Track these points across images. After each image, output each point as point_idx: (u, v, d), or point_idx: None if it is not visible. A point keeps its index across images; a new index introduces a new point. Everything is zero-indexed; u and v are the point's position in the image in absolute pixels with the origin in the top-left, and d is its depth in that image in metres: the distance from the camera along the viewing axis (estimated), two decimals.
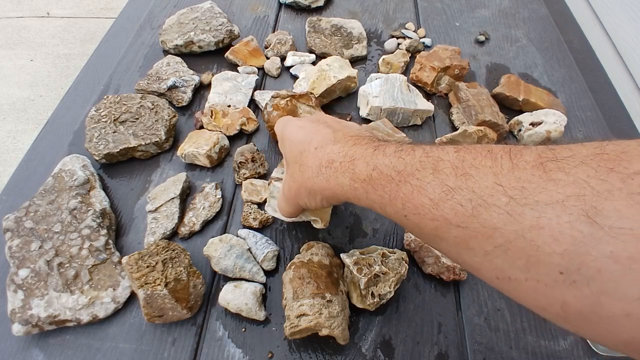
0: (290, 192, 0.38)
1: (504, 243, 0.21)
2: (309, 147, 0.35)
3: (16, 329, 0.40)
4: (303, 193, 0.37)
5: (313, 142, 0.35)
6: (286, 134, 0.39)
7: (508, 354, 0.41)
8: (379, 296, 0.41)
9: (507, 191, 0.22)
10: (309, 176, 0.34)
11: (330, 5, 0.80)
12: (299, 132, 0.38)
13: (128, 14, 0.80)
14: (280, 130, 0.41)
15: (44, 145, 0.58)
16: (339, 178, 0.32)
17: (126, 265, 0.40)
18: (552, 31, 0.77)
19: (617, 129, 0.63)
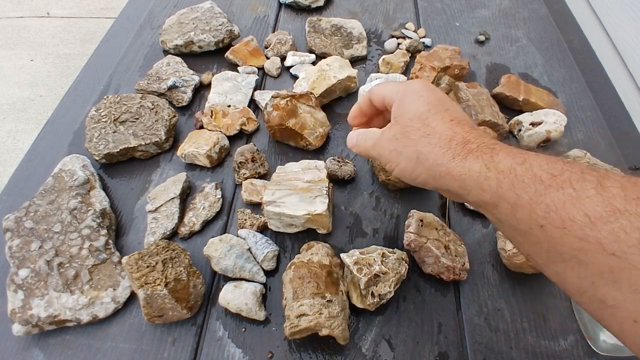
0: (394, 143, 0.34)
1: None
2: (445, 116, 0.32)
3: (16, 329, 0.40)
4: (411, 154, 0.32)
5: (450, 112, 0.32)
6: (415, 87, 0.35)
7: (508, 354, 0.41)
8: (379, 296, 0.41)
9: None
10: (433, 143, 0.31)
11: (330, 5, 0.80)
12: (432, 92, 0.34)
13: (128, 14, 0.80)
14: (399, 86, 0.36)
15: (44, 145, 0.58)
16: (468, 161, 0.28)
17: (126, 265, 0.40)
18: (552, 31, 0.77)
19: (617, 129, 0.63)
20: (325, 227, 0.47)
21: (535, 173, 0.25)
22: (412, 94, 0.34)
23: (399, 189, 0.53)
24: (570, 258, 0.23)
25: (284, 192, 0.47)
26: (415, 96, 0.34)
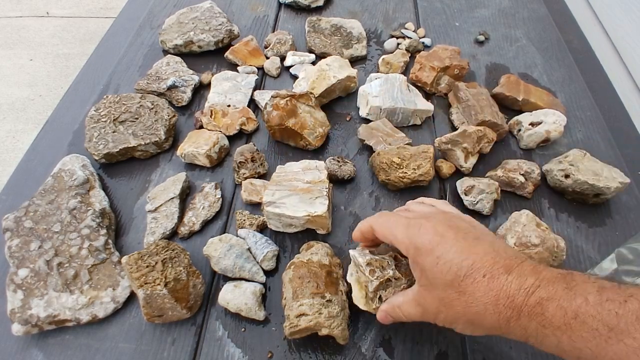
0: (435, 315, 0.33)
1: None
2: (475, 274, 0.30)
3: (16, 328, 0.40)
4: (465, 322, 0.32)
5: (477, 266, 0.30)
6: (425, 244, 0.33)
7: (507, 353, 0.41)
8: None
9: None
10: (478, 311, 0.30)
11: (330, 5, 0.80)
12: (446, 245, 0.32)
13: (128, 13, 0.80)
14: (406, 236, 0.34)
15: (44, 145, 0.58)
16: (522, 321, 0.28)
17: (126, 265, 0.40)
18: (552, 31, 0.77)
19: (616, 129, 0.63)
20: (325, 227, 0.47)
21: (591, 326, 0.25)
22: (426, 254, 0.32)
23: (399, 189, 0.53)
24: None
25: (284, 192, 0.47)
26: (431, 258, 0.32)
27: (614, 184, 0.50)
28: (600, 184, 0.50)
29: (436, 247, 0.32)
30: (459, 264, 0.31)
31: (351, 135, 0.60)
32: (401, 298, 0.36)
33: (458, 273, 0.30)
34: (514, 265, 0.30)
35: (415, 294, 0.34)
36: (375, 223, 0.37)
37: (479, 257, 0.31)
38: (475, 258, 0.31)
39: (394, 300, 0.36)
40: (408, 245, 0.34)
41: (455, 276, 0.30)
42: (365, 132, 0.57)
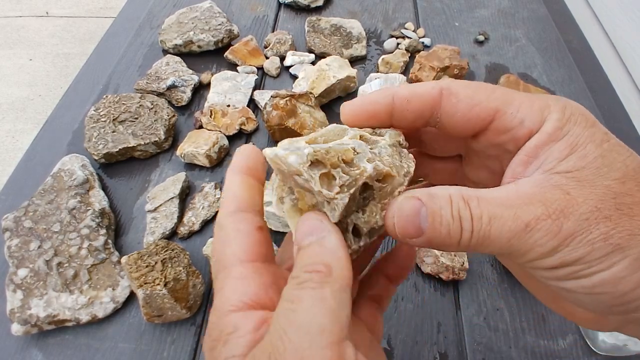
0: (600, 226, 0.17)
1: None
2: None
3: (15, 328, 0.40)
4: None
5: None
6: (582, 111, 0.19)
7: (507, 353, 0.41)
8: (368, 233, 0.19)
9: None
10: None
11: (329, 5, 0.80)
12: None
13: (127, 13, 0.80)
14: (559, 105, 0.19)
15: (43, 144, 0.58)
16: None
17: (125, 265, 0.40)
18: (552, 31, 0.77)
19: (616, 129, 0.63)
20: None
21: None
22: (592, 125, 0.19)
23: None
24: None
25: None
26: (600, 134, 0.19)
27: None
28: None
29: (594, 121, 0.19)
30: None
31: None
32: (488, 193, 0.18)
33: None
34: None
35: (543, 184, 0.18)
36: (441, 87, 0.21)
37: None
38: None
39: (464, 194, 0.18)
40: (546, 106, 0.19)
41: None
42: None
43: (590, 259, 0.17)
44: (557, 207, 0.17)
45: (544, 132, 0.19)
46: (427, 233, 0.18)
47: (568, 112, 0.19)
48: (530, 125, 0.19)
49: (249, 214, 0.20)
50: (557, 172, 0.18)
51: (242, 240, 0.19)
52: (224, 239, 0.20)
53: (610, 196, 0.17)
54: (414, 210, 0.18)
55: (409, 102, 0.21)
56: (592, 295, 0.18)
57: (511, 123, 0.20)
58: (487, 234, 0.17)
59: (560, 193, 0.17)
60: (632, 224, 0.17)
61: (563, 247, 0.17)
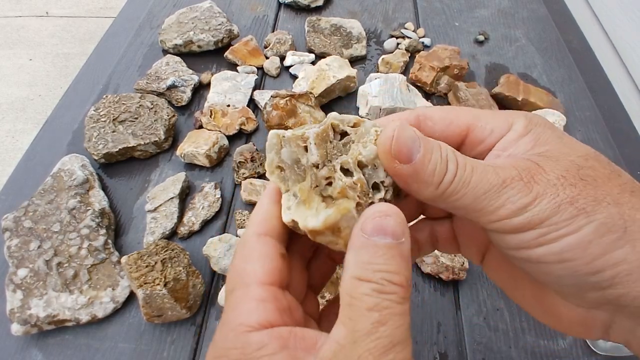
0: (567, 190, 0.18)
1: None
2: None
3: (15, 328, 0.40)
4: (609, 218, 0.18)
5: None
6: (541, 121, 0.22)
7: (507, 353, 0.41)
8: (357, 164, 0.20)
9: None
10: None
11: (329, 4, 0.80)
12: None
13: (127, 13, 0.80)
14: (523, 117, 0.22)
15: (43, 144, 0.58)
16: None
17: (125, 265, 0.40)
18: (552, 31, 0.77)
19: (616, 129, 0.63)
20: None
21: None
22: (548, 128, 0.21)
23: None
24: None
25: None
26: (559, 132, 0.21)
27: None
28: None
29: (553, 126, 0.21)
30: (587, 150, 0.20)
31: None
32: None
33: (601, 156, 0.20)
34: None
35: (515, 158, 0.20)
36: (426, 114, 0.23)
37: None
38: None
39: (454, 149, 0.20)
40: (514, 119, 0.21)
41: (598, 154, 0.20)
42: None
43: (557, 220, 0.17)
44: (527, 173, 0.18)
45: (513, 131, 0.21)
46: (416, 163, 0.19)
47: (529, 117, 0.21)
48: (500, 132, 0.21)
49: (275, 241, 0.21)
50: (542, 157, 0.20)
51: (266, 262, 0.20)
52: (248, 257, 0.20)
53: (574, 168, 0.19)
54: (411, 137, 0.19)
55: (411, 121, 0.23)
56: (563, 264, 0.18)
57: (483, 134, 0.21)
58: (468, 181, 0.18)
59: (531, 164, 0.19)
60: (597, 192, 0.18)
61: (532, 206, 0.18)
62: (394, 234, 0.18)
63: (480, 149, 0.21)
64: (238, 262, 0.21)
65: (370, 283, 0.17)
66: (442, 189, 0.19)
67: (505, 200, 0.18)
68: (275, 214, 0.22)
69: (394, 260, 0.17)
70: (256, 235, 0.21)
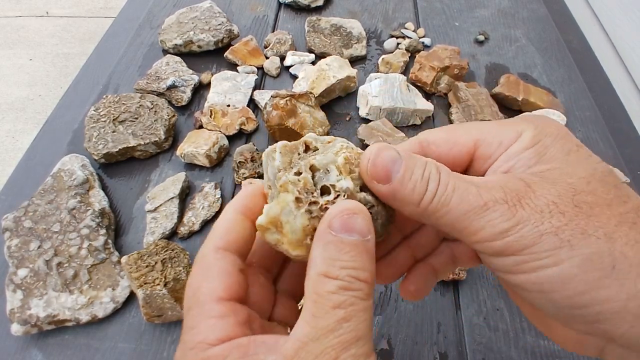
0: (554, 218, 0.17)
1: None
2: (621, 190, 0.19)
3: (15, 328, 0.40)
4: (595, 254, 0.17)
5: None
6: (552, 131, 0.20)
7: (507, 353, 0.41)
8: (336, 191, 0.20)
9: None
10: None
11: (329, 4, 0.80)
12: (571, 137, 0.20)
13: (127, 13, 0.80)
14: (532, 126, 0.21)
15: (43, 144, 0.58)
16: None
17: (125, 265, 0.40)
18: (552, 31, 0.77)
19: (616, 129, 0.63)
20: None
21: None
22: (560, 138, 0.20)
23: None
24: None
25: None
26: (570, 145, 0.19)
27: None
28: None
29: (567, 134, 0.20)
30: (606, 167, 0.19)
31: (351, 135, 0.60)
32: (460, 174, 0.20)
33: (611, 174, 0.19)
34: None
35: (509, 176, 0.19)
36: (427, 140, 0.22)
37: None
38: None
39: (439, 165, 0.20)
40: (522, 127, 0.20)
41: (610, 171, 0.19)
42: (365, 132, 0.57)
43: (537, 250, 0.17)
44: (515, 195, 0.18)
45: (519, 142, 0.20)
46: (394, 183, 0.19)
47: (541, 126, 0.20)
48: (508, 142, 0.20)
49: (234, 256, 0.21)
50: (524, 172, 0.19)
51: (224, 279, 0.20)
52: (205, 274, 0.20)
53: (570, 193, 0.17)
54: (391, 158, 0.19)
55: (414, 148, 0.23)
56: (544, 294, 0.17)
57: (491, 148, 0.20)
58: (448, 201, 0.18)
59: (522, 184, 0.18)
60: (588, 223, 0.17)
61: (512, 232, 0.17)
62: (360, 232, 0.18)
63: (490, 163, 0.21)
64: (194, 280, 0.20)
65: (336, 280, 0.17)
66: (422, 208, 0.19)
67: (486, 223, 0.17)
68: (238, 226, 0.21)
69: (360, 257, 0.18)
70: (214, 249, 0.20)
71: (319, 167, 0.21)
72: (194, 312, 0.19)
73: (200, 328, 0.18)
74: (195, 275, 0.20)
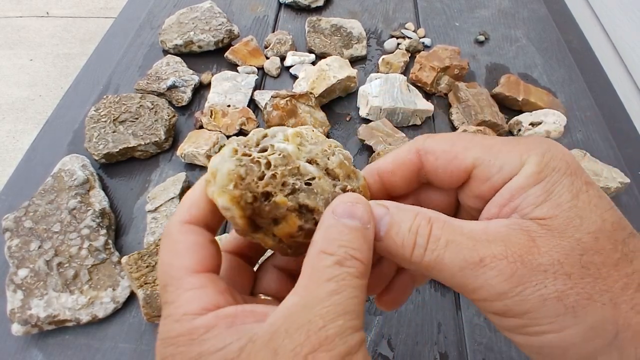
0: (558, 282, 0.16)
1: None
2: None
3: (15, 329, 0.40)
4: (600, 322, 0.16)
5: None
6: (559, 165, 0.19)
7: (507, 353, 0.41)
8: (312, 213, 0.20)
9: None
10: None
11: (330, 5, 0.80)
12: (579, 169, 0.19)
13: (127, 13, 0.80)
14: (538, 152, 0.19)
15: (44, 145, 0.58)
16: None
17: (126, 265, 0.40)
18: (552, 31, 0.77)
19: (616, 129, 0.63)
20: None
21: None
22: (568, 175, 0.18)
23: None
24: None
25: None
26: (579, 183, 0.18)
27: (614, 184, 0.50)
28: (600, 184, 0.50)
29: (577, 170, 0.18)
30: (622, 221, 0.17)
31: (351, 135, 0.60)
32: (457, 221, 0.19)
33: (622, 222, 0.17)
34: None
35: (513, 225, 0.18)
36: (426, 149, 0.21)
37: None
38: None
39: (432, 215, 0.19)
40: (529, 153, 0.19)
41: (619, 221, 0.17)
42: (365, 132, 0.57)
43: (539, 315, 0.16)
44: (517, 250, 0.17)
45: (522, 175, 0.18)
46: (384, 239, 0.19)
47: (548, 156, 0.18)
48: (509, 170, 0.19)
49: (202, 229, 0.20)
50: (530, 217, 0.18)
51: (196, 251, 0.19)
52: (174, 249, 0.19)
53: (577, 251, 0.16)
54: (378, 215, 0.19)
55: (394, 174, 0.22)
56: (542, 357, 0.17)
57: (490, 171, 0.19)
58: (441, 257, 0.17)
59: (526, 238, 0.17)
60: (594, 287, 0.16)
61: (512, 294, 0.16)
62: (361, 219, 0.18)
63: (487, 186, 0.20)
64: (165, 257, 0.19)
65: (332, 256, 0.17)
66: (415, 263, 0.18)
67: (484, 282, 0.17)
68: (204, 197, 0.20)
69: (358, 240, 0.18)
70: (179, 223, 0.20)
71: (269, 135, 0.21)
72: (171, 288, 0.18)
73: (181, 301, 0.18)
74: (164, 252, 0.19)
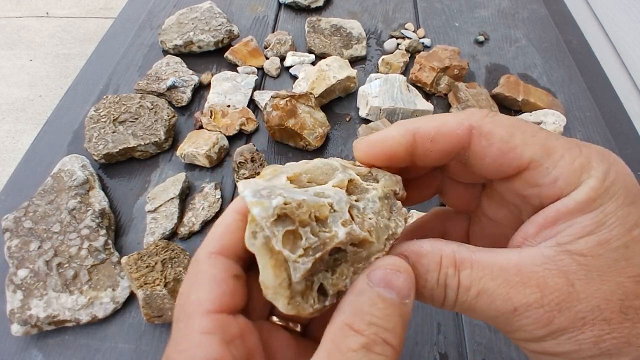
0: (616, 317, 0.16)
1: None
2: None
3: (15, 329, 0.40)
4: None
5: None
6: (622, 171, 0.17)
7: (507, 353, 0.41)
8: (337, 294, 0.17)
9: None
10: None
11: (329, 5, 0.80)
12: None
13: (127, 14, 0.80)
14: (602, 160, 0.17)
15: (43, 145, 0.58)
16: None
17: (125, 266, 0.40)
18: (552, 31, 0.77)
19: (616, 130, 0.63)
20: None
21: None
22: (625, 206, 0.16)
23: None
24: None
25: None
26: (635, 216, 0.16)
27: None
28: None
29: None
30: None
31: (351, 135, 0.60)
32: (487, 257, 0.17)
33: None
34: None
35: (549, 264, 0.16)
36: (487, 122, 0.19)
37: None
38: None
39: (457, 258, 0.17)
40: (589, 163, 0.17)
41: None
42: (365, 132, 0.57)
43: (574, 357, 0.16)
44: (554, 298, 0.16)
45: (574, 199, 0.16)
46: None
47: (610, 179, 0.16)
48: (563, 186, 0.17)
49: (229, 261, 0.19)
50: (569, 250, 0.16)
51: (214, 287, 0.18)
52: (194, 281, 0.18)
53: (618, 296, 0.16)
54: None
55: (433, 143, 0.19)
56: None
57: (543, 179, 0.17)
58: (473, 307, 0.17)
59: (564, 283, 0.16)
60: (633, 331, 0.15)
61: (550, 339, 0.16)
62: (400, 292, 0.16)
63: (534, 192, 0.18)
64: (185, 287, 0.19)
65: (361, 337, 0.15)
66: (448, 309, 0.17)
67: (518, 327, 0.16)
68: (236, 227, 0.19)
69: (393, 318, 0.16)
70: (207, 254, 0.18)
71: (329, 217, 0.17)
72: (180, 325, 0.18)
73: (185, 345, 0.17)
74: (186, 282, 0.19)
